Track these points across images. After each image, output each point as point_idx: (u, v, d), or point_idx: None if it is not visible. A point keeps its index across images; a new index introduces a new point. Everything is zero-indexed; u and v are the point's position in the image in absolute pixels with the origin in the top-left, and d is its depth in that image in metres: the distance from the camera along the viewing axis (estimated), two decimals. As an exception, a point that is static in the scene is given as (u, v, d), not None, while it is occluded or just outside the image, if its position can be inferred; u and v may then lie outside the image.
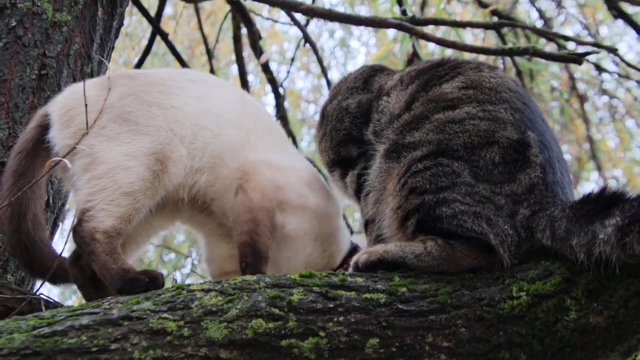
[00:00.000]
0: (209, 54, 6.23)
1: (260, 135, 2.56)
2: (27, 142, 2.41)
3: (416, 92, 2.32)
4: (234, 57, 6.54)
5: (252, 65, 8.64)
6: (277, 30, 9.82)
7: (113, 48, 3.49)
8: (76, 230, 2.18)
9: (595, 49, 3.20)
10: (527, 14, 8.55)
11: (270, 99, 11.75)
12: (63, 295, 8.45)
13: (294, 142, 6.20)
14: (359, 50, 10.65)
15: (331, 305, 1.84)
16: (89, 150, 2.27)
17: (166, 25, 8.67)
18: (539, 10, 7.62)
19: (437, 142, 2.09)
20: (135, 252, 2.55)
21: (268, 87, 6.03)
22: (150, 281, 2.04)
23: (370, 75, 2.67)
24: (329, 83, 4.31)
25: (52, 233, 2.95)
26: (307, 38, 4.25)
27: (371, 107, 2.51)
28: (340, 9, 8.85)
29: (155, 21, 4.86)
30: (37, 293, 2.31)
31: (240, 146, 2.49)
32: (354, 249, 2.60)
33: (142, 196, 2.24)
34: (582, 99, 7.56)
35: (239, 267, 2.38)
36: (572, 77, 7.56)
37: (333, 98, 2.68)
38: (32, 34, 2.95)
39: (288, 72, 7.03)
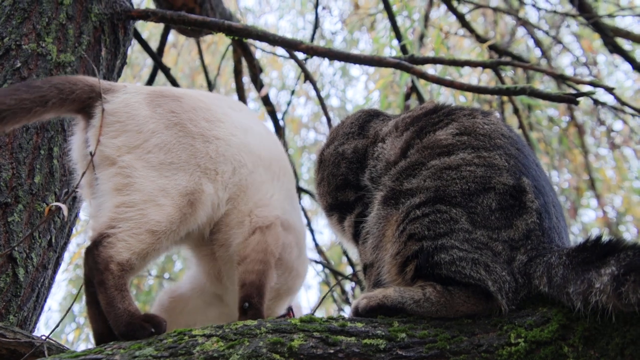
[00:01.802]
0: (210, 85, 6.29)
1: (280, 178, 2.65)
2: (68, 93, 2.34)
3: (411, 139, 2.35)
4: (234, 86, 6.59)
5: (253, 94, 8.71)
6: (278, 58, 9.88)
7: (116, 86, 3.53)
8: (91, 253, 2.13)
9: (592, 89, 3.24)
10: (525, 44, 8.62)
11: (270, 127, 11.76)
12: (63, 322, 8.44)
13: (293, 169, 6.23)
14: (359, 78, 10.69)
15: (331, 351, 1.86)
16: (128, 170, 2.24)
17: (167, 53, 8.74)
18: (537, 41, 7.68)
19: (434, 189, 2.12)
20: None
21: (268, 116, 6.10)
22: (155, 330, 2.01)
23: (366, 120, 2.71)
24: (328, 118, 4.36)
25: (55, 272, 2.96)
26: (307, 76, 4.30)
27: (367, 152, 2.54)
28: (339, 37, 9.00)
29: (157, 56, 4.92)
30: (41, 336, 2.32)
31: (264, 186, 2.54)
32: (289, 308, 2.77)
33: (164, 238, 2.21)
34: (580, 129, 7.60)
35: (238, 306, 2.39)
36: (570, 107, 7.61)
37: (330, 143, 2.71)
38: (37, 75, 2.98)
39: (288, 104, 7.08)
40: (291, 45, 3.53)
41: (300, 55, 5.02)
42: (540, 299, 1.95)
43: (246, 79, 7.15)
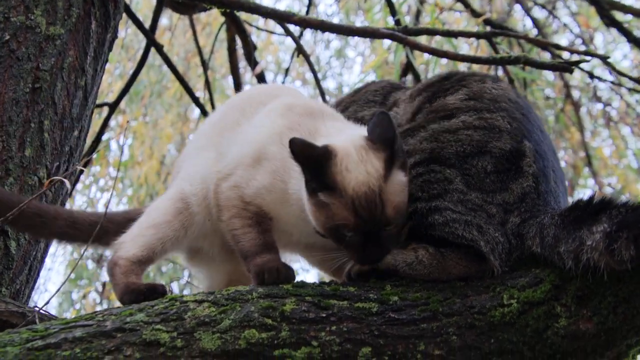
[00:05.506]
0: (204, 65, 6.24)
1: None
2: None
3: (422, 103, 2.37)
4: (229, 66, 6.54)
5: (249, 76, 8.67)
6: (273, 40, 9.85)
7: (107, 61, 3.49)
8: (109, 260, 2.35)
9: (585, 57, 3.22)
10: (521, 22, 8.59)
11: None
12: (61, 307, 8.48)
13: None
14: (355, 60, 10.68)
15: (323, 315, 1.85)
16: None
17: (162, 36, 8.68)
18: (533, 19, 7.64)
19: (430, 150, 2.12)
20: None
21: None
22: (148, 290, 2.08)
23: (389, 91, 2.69)
24: (323, 94, 4.33)
25: (47, 246, 2.95)
26: (300, 50, 4.27)
27: None
28: (335, 20, 8.95)
29: (149, 33, 4.87)
30: (33, 307, 2.32)
31: None
32: None
33: (166, 227, 2.34)
34: (576, 105, 7.58)
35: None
36: (567, 85, 7.58)
37: (349, 105, 2.70)
38: (26, 47, 2.95)
39: (283, 82, 7.04)
40: (283, 18, 3.49)
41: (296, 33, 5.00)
42: (534, 260, 1.94)
43: (242, 63, 7.11)
